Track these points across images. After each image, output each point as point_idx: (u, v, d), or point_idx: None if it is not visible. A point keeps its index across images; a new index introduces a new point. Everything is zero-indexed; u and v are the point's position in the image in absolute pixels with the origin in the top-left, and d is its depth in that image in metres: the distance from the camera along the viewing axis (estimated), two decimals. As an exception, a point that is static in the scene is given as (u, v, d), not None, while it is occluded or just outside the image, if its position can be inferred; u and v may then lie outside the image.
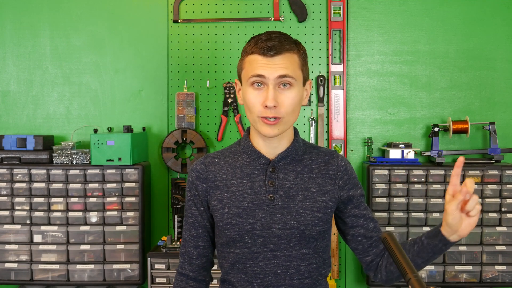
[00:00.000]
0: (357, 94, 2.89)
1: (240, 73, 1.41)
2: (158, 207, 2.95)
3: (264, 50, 1.32)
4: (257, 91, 1.34)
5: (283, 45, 1.34)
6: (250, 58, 1.36)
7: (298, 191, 1.39)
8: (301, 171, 1.42)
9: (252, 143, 1.44)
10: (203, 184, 1.44)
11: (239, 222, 1.37)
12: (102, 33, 2.94)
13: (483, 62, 2.86)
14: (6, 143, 2.77)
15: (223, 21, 2.90)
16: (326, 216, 1.40)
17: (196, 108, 2.89)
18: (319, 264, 1.42)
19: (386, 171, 2.65)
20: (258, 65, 1.33)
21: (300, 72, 1.37)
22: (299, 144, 1.45)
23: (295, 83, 1.35)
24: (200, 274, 1.49)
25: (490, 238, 2.63)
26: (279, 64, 1.32)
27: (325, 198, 1.40)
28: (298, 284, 1.38)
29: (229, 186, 1.41)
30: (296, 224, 1.36)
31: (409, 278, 1.09)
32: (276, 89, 1.33)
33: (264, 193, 1.38)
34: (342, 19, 2.84)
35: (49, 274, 2.67)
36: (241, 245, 1.38)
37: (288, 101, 1.34)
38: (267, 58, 1.33)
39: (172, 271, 2.59)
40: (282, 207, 1.37)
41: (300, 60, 1.38)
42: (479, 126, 2.84)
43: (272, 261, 1.38)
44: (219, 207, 1.40)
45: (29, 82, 2.97)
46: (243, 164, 1.43)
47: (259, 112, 1.34)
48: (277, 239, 1.37)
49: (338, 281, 2.90)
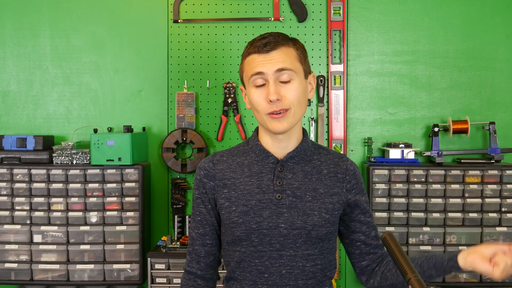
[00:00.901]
0: (357, 94, 2.89)
1: (242, 77, 1.42)
2: (158, 207, 2.95)
3: (259, 47, 1.34)
4: (260, 90, 1.35)
5: (278, 40, 1.35)
6: (248, 59, 1.38)
7: (306, 191, 1.39)
8: (309, 172, 1.42)
9: (261, 142, 1.44)
10: (211, 182, 1.44)
11: (246, 221, 1.37)
12: (102, 33, 2.94)
13: (483, 62, 2.86)
14: (6, 143, 2.77)
15: (223, 21, 2.90)
16: (333, 218, 1.40)
17: (196, 108, 2.89)
18: (324, 266, 1.42)
19: (386, 171, 2.65)
20: (256, 63, 1.35)
21: (299, 64, 1.38)
22: (307, 144, 1.45)
23: (295, 76, 1.35)
24: (207, 272, 1.49)
25: (490, 238, 2.63)
26: (276, 58, 1.33)
27: (332, 200, 1.40)
28: (303, 285, 1.39)
29: (237, 184, 1.41)
30: (303, 224, 1.37)
31: (409, 278, 1.09)
32: (277, 84, 1.34)
33: (272, 192, 1.38)
34: (342, 19, 2.84)
35: (49, 274, 2.67)
36: (247, 243, 1.38)
37: (291, 93, 1.35)
38: (263, 54, 1.34)
39: (172, 271, 2.59)
40: (289, 206, 1.38)
41: (297, 53, 1.39)
42: (479, 126, 2.84)
43: (277, 260, 1.38)
44: (226, 205, 1.41)
45: (29, 82, 2.97)
46: (251, 163, 1.43)
47: (265, 109, 1.35)
48: (283, 239, 1.37)
49: (338, 281, 2.90)
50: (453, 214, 2.63)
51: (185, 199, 2.88)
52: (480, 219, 2.63)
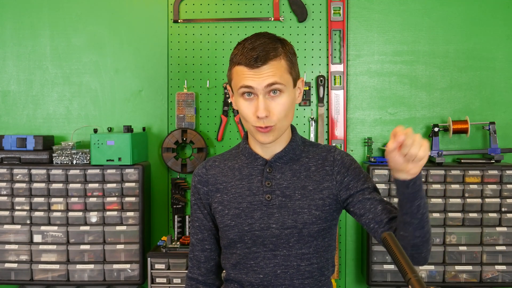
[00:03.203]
0: (357, 94, 2.89)
1: (230, 82, 1.41)
2: (158, 207, 2.95)
3: (250, 61, 1.31)
4: (248, 102, 1.34)
5: (268, 53, 1.32)
6: (237, 69, 1.35)
7: (295, 190, 1.39)
8: (298, 170, 1.42)
9: (250, 146, 1.46)
10: (204, 188, 1.46)
11: (239, 223, 1.38)
12: (102, 33, 2.94)
13: (483, 62, 2.86)
14: (6, 143, 2.77)
15: (223, 21, 2.90)
16: (324, 213, 1.39)
17: (196, 108, 2.89)
18: (321, 265, 1.41)
19: (386, 171, 2.65)
20: (245, 77, 1.32)
21: (288, 76, 1.36)
22: (296, 143, 1.45)
23: (284, 89, 1.34)
24: (209, 278, 1.51)
25: (490, 238, 2.63)
26: (266, 73, 1.31)
27: (322, 196, 1.39)
28: (299, 284, 1.38)
29: (228, 188, 1.43)
30: (294, 223, 1.37)
31: (409, 278, 1.09)
32: (266, 97, 1.33)
33: (261, 194, 1.39)
34: (342, 19, 2.84)
35: (49, 274, 2.67)
36: (242, 245, 1.39)
37: (279, 108, 1.33)
38: (254, 69, 1.32)
39: (172, 271, 2.60)
40: (279, 206, 1.38)
41: (287, 63, 1.35)
42: (479, 126, 2.84)
43: (272, 260, 1.38)
44: (219, 209, 1.42)
45: (29, 82, 2.97)
46: (241, 166, 1.45)
47: (253, 121, 1.34)
48: (276, 239, 1.37)
49: (338, 281, 2.90)
50: (453, 214, 2.63)
51: (185, 199, 2.88)
52: (480, 219, 2.63)
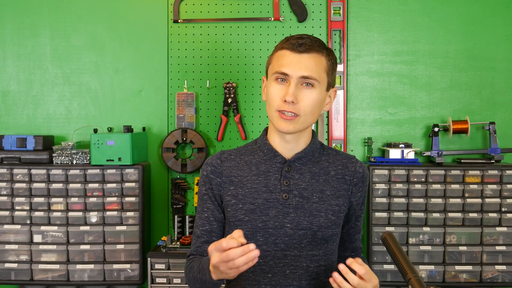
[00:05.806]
0: (357, 94, 2.89)
1: (268, 68, 1.42)
2: (158, 207, 2.95)
3: (294, 45, 1.34)
4: (279, 86, 1.35)
5: (313, 44, 1.35)
6: (279, 53, 1.38)
7: (313, 192, 1.40)
8: (317, 173, 1.42)
9: (269, 141, 1.44)
10: (218, 179, 1.44)
11: (252, 219, 1.37)
12: (102, 33, 2.94)
13: (483, 62, 2.86)
14: (6, 143, 2.77)
15: (223, 21, 2.90)
16: (339, 219, 1.41)
17: (196, 108, 2.89)
18: (328, 267, 1.42)
19: (386, 171, 2.65)
20: (284, 61, 1.34)
21: (325, 75, 1.37)
22: (316, 146, 1.45)
23: (317, 85, 1.35)
24: None
25: (490, 238, 2.63)
26: (304, 63, 1.33)
27: (338, 202, 1.41)
28: (306, 285, 1.39)
29: (244, 182, 1.41)
30: (309, 225, 1.37)
31: (409, 278, 1.10)
32: (298, 86, 1.34)
33: (278, 192, 1.39)
34: (342, 19, 2.84)
35: (49, 274, 2.67)
36: (252, 242, 1.38)
37: (308, 100, 1.35)
38: (295, 54, 1.34)
39: (172, 271, 2.60)
40: (296, 207, 1.38)
41: (327, 64, 1.38)
42: (479, 126, 2.84)
43: (281, 260, 1.38)
44: (233, 203, 1.40)
45: (29, 82, 2.97)
46: (259, 161, 1.43)
47: (278, 105, 1.35)
48: (288, 239, 1.37)
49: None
50: (453, 214, 2.63)
51: (185, 199, 2.88)
52: (480, 219, 2.63)
